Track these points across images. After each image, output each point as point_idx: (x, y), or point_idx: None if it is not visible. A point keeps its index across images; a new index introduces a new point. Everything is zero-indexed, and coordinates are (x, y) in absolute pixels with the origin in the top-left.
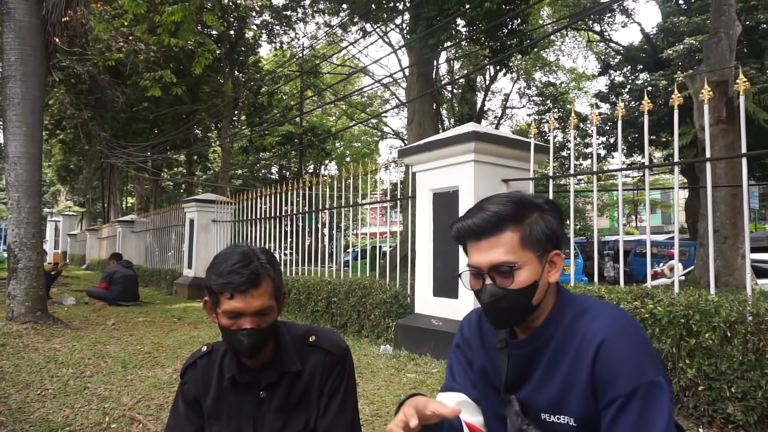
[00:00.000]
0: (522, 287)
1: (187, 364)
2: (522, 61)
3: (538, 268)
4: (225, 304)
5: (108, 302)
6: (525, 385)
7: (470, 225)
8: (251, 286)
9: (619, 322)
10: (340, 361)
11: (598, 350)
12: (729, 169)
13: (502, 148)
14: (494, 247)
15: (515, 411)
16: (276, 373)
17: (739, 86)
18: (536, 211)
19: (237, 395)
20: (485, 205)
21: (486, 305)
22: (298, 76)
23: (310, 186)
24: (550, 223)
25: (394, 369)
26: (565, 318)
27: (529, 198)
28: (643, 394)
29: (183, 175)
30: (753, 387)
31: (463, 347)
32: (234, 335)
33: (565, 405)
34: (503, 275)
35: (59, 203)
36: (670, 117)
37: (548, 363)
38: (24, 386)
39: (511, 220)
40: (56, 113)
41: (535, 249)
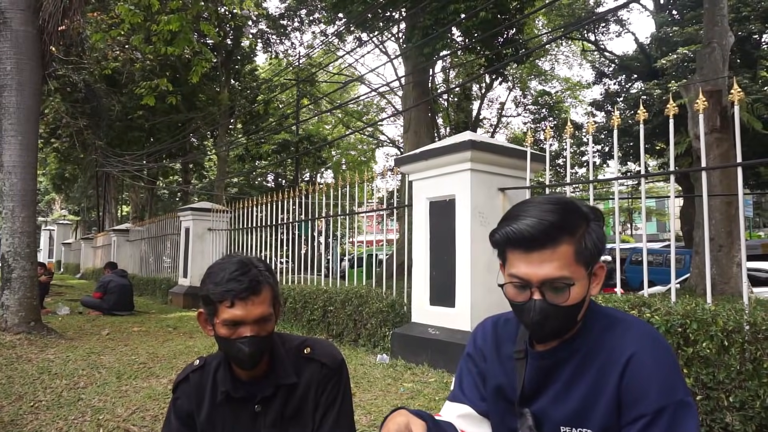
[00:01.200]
0: (573, 304)
1: (179, 379)
2: (517, 70)
3: (587, 282)
4: (224, 313)
5: (102, 312)
6: (541, 396)
7: (523, 232)
8: (251, 293)
9: (650, 338)
10: (336, 374)
11: (627, 364)
12: (724, 178)
13: (498, 156)
14: (548, 260)
15: (528, 425)
16: (271, 386)
17: (733, 96)
18: (585, 221)
19: (231, 410)
20: (532, 210)
21: (533, 322)
22: (295, 84)
23: (306, 194)
24: (600, 235)
25: (390, 378)
26: (593, 330)
27: (577, 206)
28: (671, 413)
29: (179, 183)
30: (751, 397)
31: (474, 357)
32: (234, 344)
33: (586, 418)
34: (557, 291)
35: (54, 212)
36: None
37: (571, 375)
38: (17, 398)
39: (567, 231)
40: (51, 122)
41: (587, 263)
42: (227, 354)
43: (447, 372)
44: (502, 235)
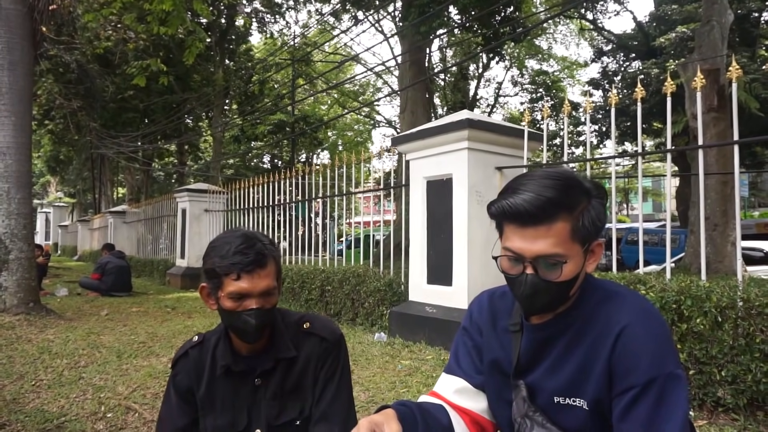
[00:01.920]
0: (565, 281)
1: (178, 355)
2: (515, 49)
3: (582, 259)
4: (230, 285)
5: (101, 293)
6: (536, 368)
7: (518, 206)
8: (258, 266)
9: (643, 310)
10: (335, 348)
11: (619, 336)
12: (720, 157)
13: (495, 135)
14: (543, 236)
15: (522, 396)
16: (271, 360)
17: (731, 74)
18: (586, 197)
19: (231, 383)
20: (532, 184)
21: (524, 295)
22: (290, 64)
23: (303, 175)
24: (600, 213)
25: (388, 356)
26: (588, 303)
27: (578, 181)
28: (660, 385)
29: (174, 165)
30: (743, 371)
31: (470, 330)
32: (240, 317)
33: (579, 388)
34: (549, 268)
35: (49, 194)
36: (662, 105)
37: (566, 347)
38: (18, 377)
39: (564, 208)
40: (44, 103)
41: (584, 241)
42: (232, 327)
43: (444, 350)
44: (498, 208)
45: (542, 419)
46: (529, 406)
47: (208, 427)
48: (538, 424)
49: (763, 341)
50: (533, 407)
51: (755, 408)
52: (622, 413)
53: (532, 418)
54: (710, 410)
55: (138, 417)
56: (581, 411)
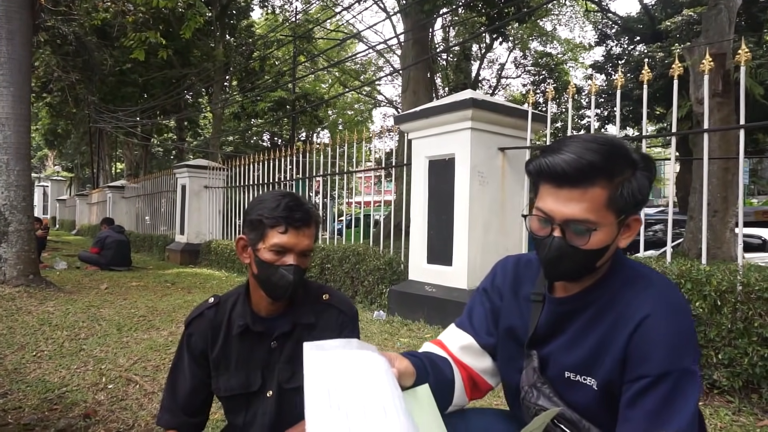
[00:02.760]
0: (592, 249)
1: (193, 315)
2: (518, 30)
3: (614, 231)
4: (275, 238)
5: (100, 267)
6: (552, 341)
7: (556, 166)
8: (304, 223)
9: (669, 300)
10: (352, 322)
11: (640, 323)
12: (722, 143)
13: (499, 116)
14: (577, 200)
15: (533, 366)
16: (289, 324)
17: (741, 57)
18: (630, 168)
19: (247, 344)
20: (575, 145)
21: (548, 258)
22: (291, 41)
23: (303, 153)
24: (644, 187)
25: (387, 334)
26: (614, 282)
27: (626, 149)
28: (674, 379)
29: (173, 141)
30: (740, 354)
31: (490, 293)
32: (277, 271)
33: (592, 368)
34: (578, 234)
35: (47, 168)
36: (666, 90)
37: (585, 324)
38: (19, 348)
39: (604, 174)
40: (42, 75)
41: (619, 212)
42: (267, 281)
43: (443, 328)
44: (536, 166)
45: (549, 391)
46: (538, 377)
47: (222, 386)
48: (545, 395)
49: (762, 325)
50: (542, 378)
51: (750, 391)
52: (631, 400)
53: (540, 389)
54: (705, 392)
55: (139, 389)
56: (590, 390)
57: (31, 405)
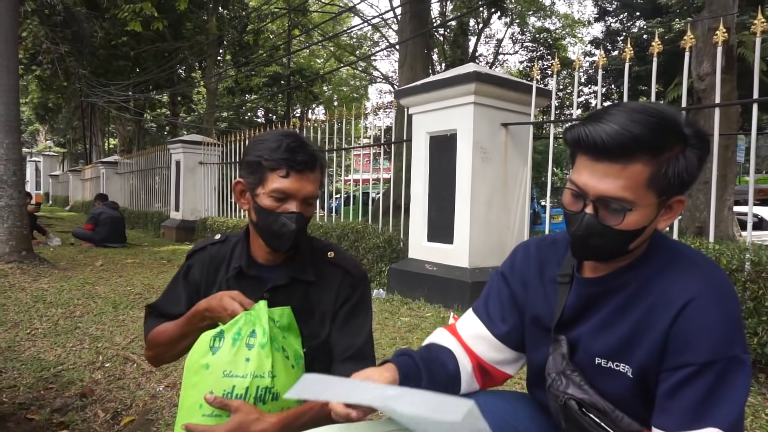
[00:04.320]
0: (626, 230)
1: (197, 248)
2: (516, 4)
3: (653, 212)
4: (275, 182)
5: (94, 243)
6: (581, 325)
7: (595, 137)
8: (308, 167)
9: (717, 283)
10: (361, 284)
11: (683, 308)
12: (724, 120)
13: (502, 90)
14: (614, 176)
15: (561, 352)
16: (286, 277)
17: (756, 27)
18: (680, 143)
19: (240, 289)
20: (621, 115)
21: (577, 235)
22: (285, 14)
23: (299, 129)
24: (692, 166)
25: (387, 313)
26: (652, 264)
27: (677, 123)
28: (721, 368)
29: (166, 116)
30: (749, 334)
31: (509, 278)
32: (278, 219)
33: (626, 354)
34: (612, 212)
35: (38, 143)
36: (666, 66)
37: (617, 307)
38: (12, 325)
39: (649, 149)
40: (30, 47)
41: (661, 192)
42: (266, 229)
43: (443, 307)
44: (574, 135)
45: (579, 379)
46: (567, 364)
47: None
48: (575, 383)
49: None
50: (572, 365)
51: (758, 370)
52: (671, 390)
53: (569, 376)
54: None
55: (137, 367)
56: (625, 378)
57: (26, 384)
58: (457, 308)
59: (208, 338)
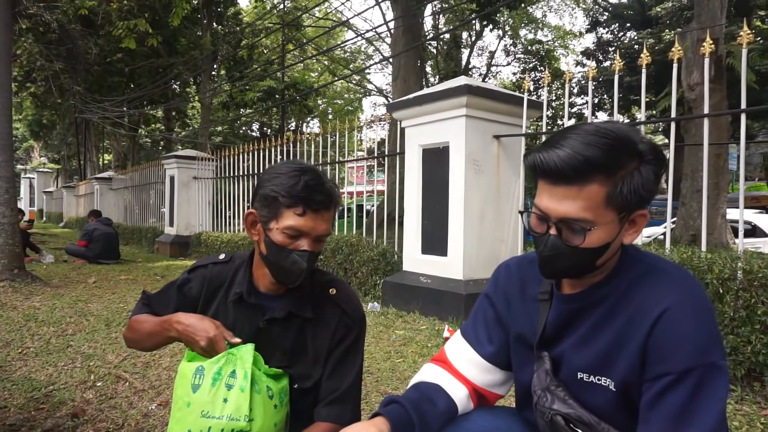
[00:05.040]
0: (590, 248)
1: (199, 264)
2: (508, 17)
3: (616, 228)
4: (290, 219)
5: (88, 260)
6: (562, 341)
7: (550, 164)
8: (325, 207)
9: (691, 292)
10: (357, 327)
11: (659, 319)
12: (714, 129)
13: (494, 103)
14: (572, 198)
15: (545, 369)
16: (284, 310)
17: (742, 39)
18: (635, 161)
19: (238, 315)
20: (573, 138)
21: (543, 257)
22: (279, 28)
23: (294, 142)
24: (648, 181)
25: (382, 326)
26: (627, 277)
27: (631, 141)
28: (699, 375)
29: (161, 131)
30: (743, 342)
31: (492, 298)
32: (290, 256)
33: (607, 367)
34: (574, 232)
35: (33, 160)
36: (656, 76)
37: (597, 321)
38: (4, 344)
39: (602, 170)
40: (25, 64)
41: (621, 209)
42: (276, 264)
43: (438, 320)
44: (530, 161)
45: (564, 394)
46: (551, 380)
47: None
48: (560, 399)
49: (765, 313)
50: (555, 381)
51: (753, 379)
52: (652, 400)
53: (554, 392)
54: None
55: (129, 386)
56: (608, 391)
57: (16, 404)
58: (452, 320)
59: (190, 374)
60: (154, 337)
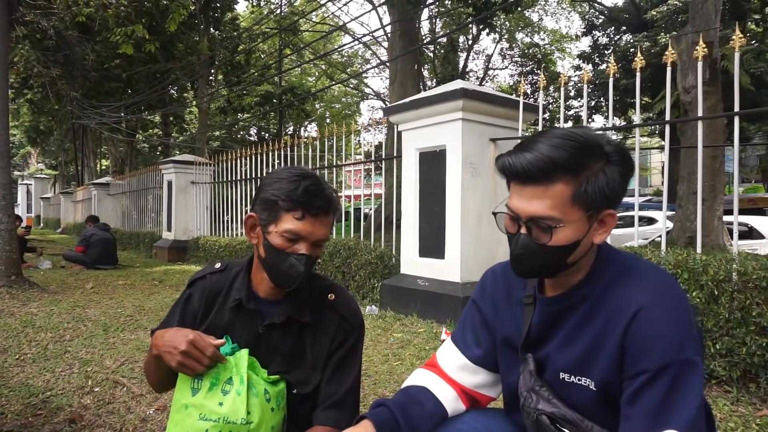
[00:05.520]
0: (559, 245)
1: (197, 276)
2: (505, 20)
3: (584, 227)
4: (289, 223)
5: (85, 266)
6: (547, 343)
7: (517, 166)
8: (323, 212)
9: (664, 290)
10: (355, 332)
11: (634, 317)
12: (710, 132)
13: (490, 106)
14: (539, 197)
15: (529, 370)
16: (283, 315)
17: (735, 43)
18: (600, 162)
19: (237, 321)
20: (541, 142)
21: (515, 256)
22: (276, 33)
23: (291, 147)
24: (613, 181)
25: (380, 329)
26: (604, 278)
27: (596, 144)
28: (674, 371)
29: (159, 136)
30: (738, 344)
31: (480, 304)
32: (287, 259)
33: (587, 368)
34: (542, 230)
35: (30, 166)
36: (652, 79)
37: (577, 322)
38: (1, 351)
39: (567, 170)
40: (22, 71)
41: (587, 208)
42: (274, 267)
43: (436, 322)
44: (500, 165)
45: (548, 394)
46: (535, 380)
47: None
48: (544, 398)
49: (760, 314)
50: (540, 381)
51: (748, 380)
52: (631, 398)
53: (538, 392)
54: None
55: (126, 391)
56: (588, 391)
57: (14, 411)
58: (450, 323)
59: (189, 378)
60: (155, 368)
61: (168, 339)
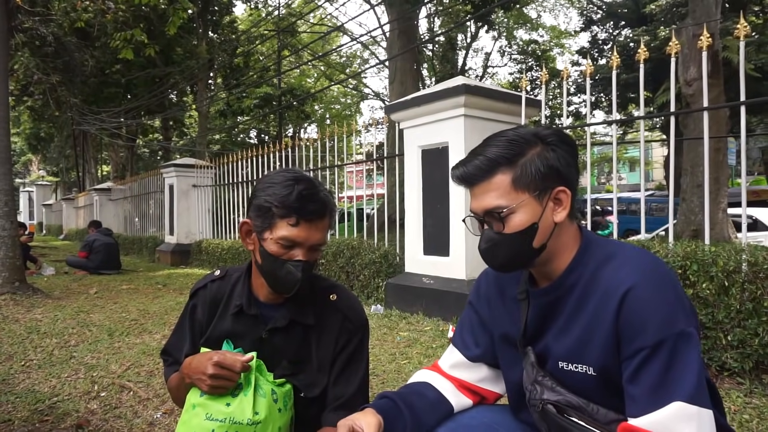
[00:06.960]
0: (517, 231)
1: (199, 286)
2: (504, 17)
3: (537, 208)
4: (284, 229)
5: (89, 271)
6: (545, 335)
7: (462, 174)
8: (318, 216)
9: (649, 268)
10: (359, 332)
11: (623, 298)
12: (713, 124)
13: (492, 102)
14: (486, 192)
15: (531, 362)
16: (285, 319)
17: (739, 32)
18: (535, 147)
19: (240, 326)
20: (479, 147)
21: (482, 251)
22: (275, 35)
23: (292, 148)
24: (547, 159)
25: (386, 328)
26: (589, 264)
27: (527, 133)
28: (671, 345)
29: (159, 141)
30: (750, 335)
31: (476, 305)
32: (284, 266)
33: (584, 354)
34: (496, 220)
35: (31, 173)
36: (652, 73)
37: (570, 311)
38: (7, 357)
39: (503, 162)
40: (22, 78)
41: (531, 188)
42: (271, 274)
43: (442, 320)
44: (453, 179)
45: (551, 383)
46: (537, 371)
47: None
48: (548, 388)
49: None
50: (542, 372)
51: (761, 371)
52: (632, 376)
53: (542, 383)
54: (714, 375)
55: (133, 395)
56: (588, 377)
57: (21, 417)
58: (456, 320)
59: None
60: (183, 391)
61: (195, 366)
